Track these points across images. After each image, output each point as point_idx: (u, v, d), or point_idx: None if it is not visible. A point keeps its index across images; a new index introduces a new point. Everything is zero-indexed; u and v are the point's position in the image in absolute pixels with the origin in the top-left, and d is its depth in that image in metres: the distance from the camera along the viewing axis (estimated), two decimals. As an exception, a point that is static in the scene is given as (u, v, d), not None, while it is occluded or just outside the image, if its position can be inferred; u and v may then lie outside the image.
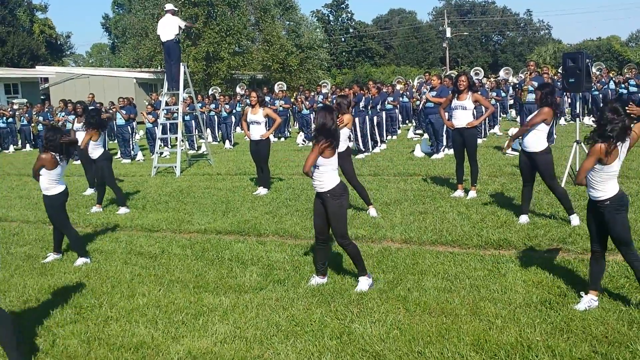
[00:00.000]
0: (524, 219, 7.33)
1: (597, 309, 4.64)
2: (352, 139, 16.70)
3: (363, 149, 14.93)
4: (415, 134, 19.07)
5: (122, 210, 9.66)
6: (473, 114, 8.86)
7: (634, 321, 4.39)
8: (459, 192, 9.12)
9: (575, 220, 7.01)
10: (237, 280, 5.96)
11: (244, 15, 43.56)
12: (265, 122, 10.82)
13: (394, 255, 6.37)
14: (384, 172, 11.94)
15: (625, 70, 19.41)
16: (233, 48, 42.77)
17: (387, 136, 17.66)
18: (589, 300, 4.71)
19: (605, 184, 4.57)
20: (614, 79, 20.19)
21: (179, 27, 14.33)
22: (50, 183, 6.73)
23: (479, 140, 13.04)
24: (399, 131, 20.35)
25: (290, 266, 6.29)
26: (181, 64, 14.52)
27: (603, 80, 19.86)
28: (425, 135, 16.31)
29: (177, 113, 15.34)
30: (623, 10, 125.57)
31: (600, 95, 19.63)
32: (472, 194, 8.98)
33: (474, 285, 5.35)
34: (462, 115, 8.73)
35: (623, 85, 18.58)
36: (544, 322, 4.50)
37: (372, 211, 8.32)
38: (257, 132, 10.36)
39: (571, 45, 61.94)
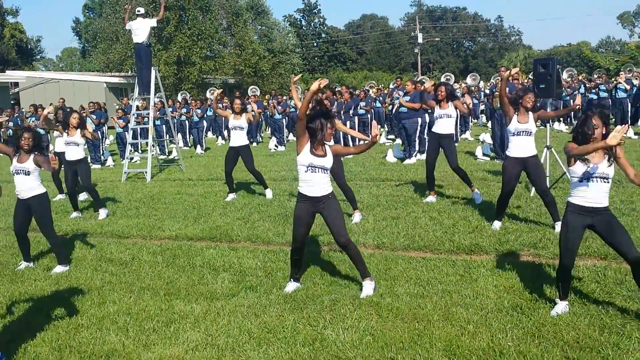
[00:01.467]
0: (498, 224, 7.39)
1: (569, 314, 4.69)
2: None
3: (336, 154, 14.92)
4: (387, 139, 19.17)
5: (103, 212, 9.53)
6: (456, 121, 8.93)
7: (605, 326, 4.43)
8: (431, 198, 9.17)
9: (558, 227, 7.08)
10: (209, 287, 5.89)
11: (215, 19, 43.41)
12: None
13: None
14: (356, 178, 11.95)
15: (595, 76, 19.74)
16: (205, 52, 42.55)
17: (359, 141, 17.69)
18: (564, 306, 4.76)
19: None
20: (584, 83, 20.53)
21: (152, 27, 14.19)
22: (39, 181, 6.64)
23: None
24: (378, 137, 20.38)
25: (262, 272, 6.24)
26: (152, 68, 14.38)
27: (573, 86, 20.19)
28: (398, 141, 16.40)
29: (148, 118, 15.17)
30: (592, 17, 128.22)
31: (571, 101, 19.94)
32: (477, 195, 8.97)
33: (446, 291, 5.36)
34: (446, 123, 8.86)
35: (593, 91, 18.91)
36: (515, 327, 4.53)
37: (357, 216, 8.29)
38: (239, 138, 10.23)
39: (542, 51, 63.00)
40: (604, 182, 4.64)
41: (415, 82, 15.33)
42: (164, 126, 19.59)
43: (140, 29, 14.02)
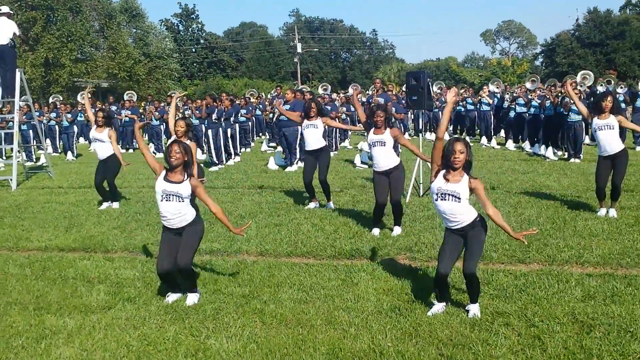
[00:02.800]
0: (377, 231, 7.63)
1: (443, 314, 4.93)
2: (204, 151, 16.49)
3: (217, 162, 14.76)
4: (268, 146, 19.23)
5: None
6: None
7: (475, 324, 4.71)
8: (313, 204, 9.31)
9: (397, 230, 7.56)
10: (83, 300, 5.59)
11: (87, 20, 41.46)
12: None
13: (249, 269, 6.33)
14: (238, 185, 11.87)
15: (462, 90, 20.99)
16: (75, 55, 40.51)
17: (240, 149, 17.62)
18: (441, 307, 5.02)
19: None
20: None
21: (14, 33, 13.32)
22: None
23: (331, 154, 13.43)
24: (253, 144, 20.40)
25: (141, 283, 6.02)
26: (17, 69, 13.49)
27: (442, 99, 21.32)
28: (279, 148, 16.49)
29: (13, 122, 14.20)
30: (459, 33, 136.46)
31: (440, 113, 21.05)
32: (331, 205, 9.26)
33: (329, 295, 5.45)
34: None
35: (461, 104, 20.09)
36: (394, 328, 4.69)
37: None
38: (103, 150, 9.81)
39: (413, 65, 66.04)
40: (455, 200, 4.77)
41: (295, 91, 15.50)
42: (31, 131, 18.44)
43: (3, 29, 13.10)
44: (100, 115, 9.77)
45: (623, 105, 16.39)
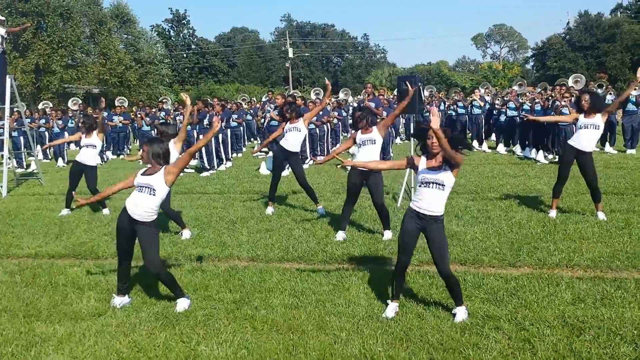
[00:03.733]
0: (341, 235, 7.66)
1: (433, 317, 4.94)
2: (196, 157, 16.45)
3: (208, 167, 14.74)
4: (260, 151, 19.17)
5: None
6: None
7: (465, 328, 4.72)
8: (270, 209, 9.43)
9: (388, 234, 7.57)
10: (73, 307, 5.57)
11: (77, 27, 41.31)
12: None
13: (240, 274, 6.31)
14: (229, 190, 11.85)
15: (453, 94, 21.05)
16: (66, 61, 40.37)
17: (232, 154, 17.60)
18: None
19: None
20: (444, 100, 21.83)
21: (2, 36, 13.26)
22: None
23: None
24: (244, 149, 20.39)
25: (131, 290, 5.99)
26: (7, 76, 13.42)
27: (434, 102, 21.39)
28: (270, 154, 16.47)
29: (3, 129, 14.13)
30: (450, 38, 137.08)
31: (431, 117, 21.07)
32: (321, 210, 9.26)
33: (320, 300, 5.45)
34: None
35: (452, 108, 20.14)
36: (385, 333, 4.69)
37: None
38: (91, 156, 9.85)
39: (405, 69, 66.20)
40: (439, 188, 4.83)
41: (286, 96, 15.52)
42: (21, 138, 18.35)
43: None
44: (84, 122, 9.92)
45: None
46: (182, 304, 5.39)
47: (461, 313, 4.87)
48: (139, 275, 6.42)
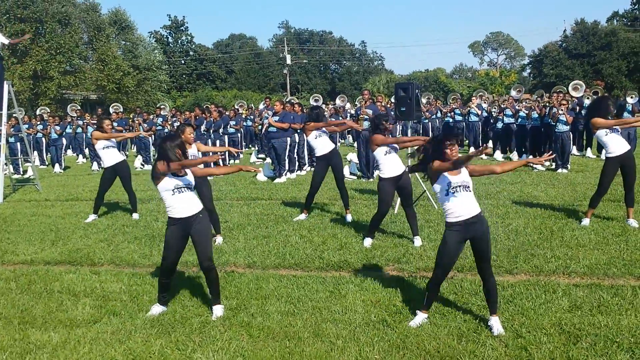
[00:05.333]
0: (369, 242, 7.61)
1: (430, 325, 4.92)
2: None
3: (205, 173, 14.70)
4: (257, 157, 19.21)
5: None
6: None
7: (462, 335, 4.70)
8: (302, 216, 9.30)
9: (418, 241, 7.48)
10: (68, 314, 5.54)
11: (76, 33, 41.30)
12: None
13: (237, 281, 6.30)
14: (226, 197, 11.84)
15: (451, 101, 21.08)
16: (64, 67, 40.34)
17: (229, 160, 17.59)
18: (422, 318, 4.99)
19: None
20: (440, 108, 21.84)
21: (2, 43, 13.28)
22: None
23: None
24: (242, 155, 20.39)
25: (127, 296, 5.97)
26: (5, 82, 13.43)
27: (431, 110, 21.42)
28: (268, 160, 16.49)
29: (0, 135, 14.10)
30: (447, 45, 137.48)
31: (430, 124, 21.12)
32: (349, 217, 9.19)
33: (316, 307, 5.43)
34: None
35: (449, 115, 20.17)
36: (381, 340, 4.67)
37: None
38: (113, 156, 9.84)
39: (402, 76, 66.34)
40: (466, 190, 4.80)
41: (284, 102, 15.54)
42: (18, 144, 18.34)
43: None
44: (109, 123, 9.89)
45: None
46: (218, 310, 5.36)
47: (497, 324, 4.79)
48: (135, 282, 6.41)
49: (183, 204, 5.23)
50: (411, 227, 7.65)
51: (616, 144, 8.09)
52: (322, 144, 9.11)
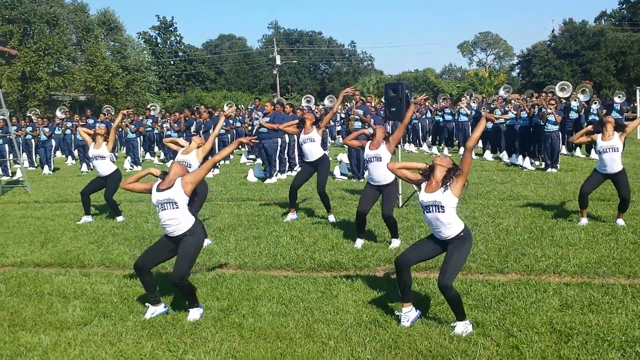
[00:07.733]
0: (360, 242, 7.61)
1: (422, 324, 4.92)
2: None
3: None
4: (248, 158, 19.17)
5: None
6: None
7: (454, 335, 4.70)
8: (293, 215, 9.28)
9: (396, 243, 7.49)
10: (58, 316, 5.50)
11: (64, 34, 41.05)
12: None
13: (228, 282, 6.28)
14: (217, 198, 11.80)
15: (441, 101, 21.13)
16: (52, 68, 40.10)
17: (220, 161, 17.52)
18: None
19: None
20: (430, 108, 21.85)
21: None
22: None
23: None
24: (232, 156, 20.34)
25: (118, 298, 5.94)
26: (-8, 83, 13.36)
27: (421, 110, 21.44)
28: (258, 160, 16.46)
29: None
30: (436, 45, 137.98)
31: (420, 124, 21.13)
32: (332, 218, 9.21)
33: (308, 308, 5.42)
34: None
35: (439, 114, 20.21)
36: (373, 340, 4.67)
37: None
38: (104, 167, 9.72)
39: (392, 76, 66.39)
40: (440, 211, 4.94)
41: (274, 103, 15.51)
42: (6, 145, 18.20)
43: None
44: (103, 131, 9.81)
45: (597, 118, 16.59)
46: (194, 313, 5.30)
47: (460, 327, 4.74)
48: (126, 283, 6.37)
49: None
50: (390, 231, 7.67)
51: (608, 165, 8.10)
52: (310, 151, 9.10)
